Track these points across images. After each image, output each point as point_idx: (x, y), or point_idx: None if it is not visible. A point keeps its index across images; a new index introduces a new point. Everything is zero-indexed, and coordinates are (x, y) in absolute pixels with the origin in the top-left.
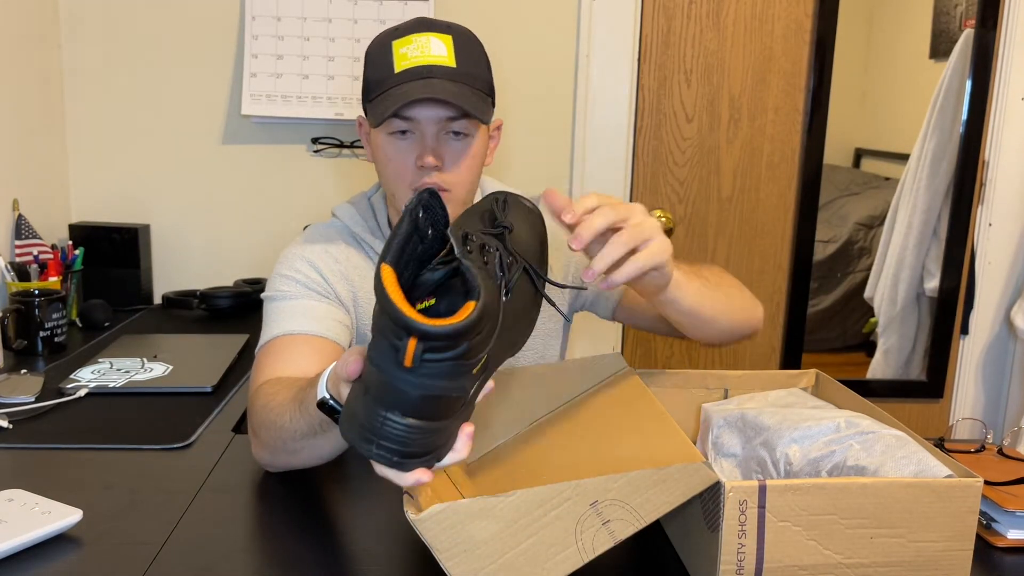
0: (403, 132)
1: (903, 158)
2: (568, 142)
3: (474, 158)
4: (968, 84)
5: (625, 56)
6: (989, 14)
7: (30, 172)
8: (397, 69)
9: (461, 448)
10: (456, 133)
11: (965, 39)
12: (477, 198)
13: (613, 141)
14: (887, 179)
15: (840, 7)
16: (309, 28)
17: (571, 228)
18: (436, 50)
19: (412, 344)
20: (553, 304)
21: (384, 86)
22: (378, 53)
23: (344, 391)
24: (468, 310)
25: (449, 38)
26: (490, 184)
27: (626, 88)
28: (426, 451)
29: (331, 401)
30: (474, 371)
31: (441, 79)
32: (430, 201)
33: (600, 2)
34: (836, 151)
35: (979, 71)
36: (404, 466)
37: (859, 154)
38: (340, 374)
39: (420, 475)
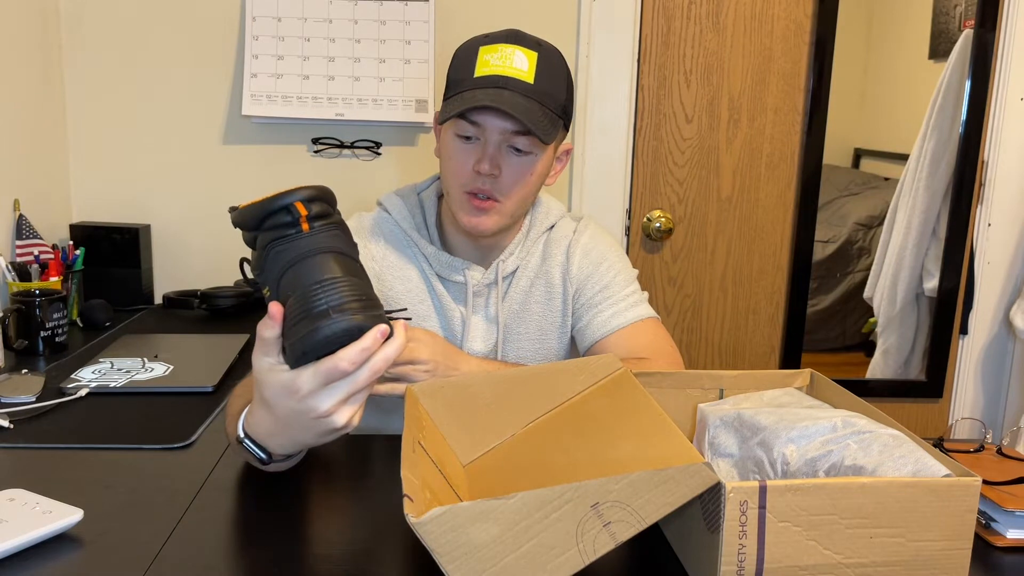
0: (468, 138)
1: (902, 158)
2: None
3: (532, 176)
4: (967, 84)
5: (625, 56)
6: (988, 14)
7: (31, 172)
8: (476, 74)
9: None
10: (518, 150)
11: (964, 39)
12: (529, 215)
13: (613, 141)
14: (886, 179)
15: (840, 7)
16: (309, 29)
17: None
18: (518, 63)
19: (300, 206)
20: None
21: (460, 87)
22: (464, 55)
23: (264, 362)
24: (288, 189)
25: (535, 55)
26: (545, 201)
27: (626, 88)
28: (370, 301)
29: (247, 440)
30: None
31: (513, 92)
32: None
33: (600, 2)
34: (835, 151)
35: (978, 71)
36: (367, 315)
37: (858, 154)
38: (263, 335)
39: (381, 333)
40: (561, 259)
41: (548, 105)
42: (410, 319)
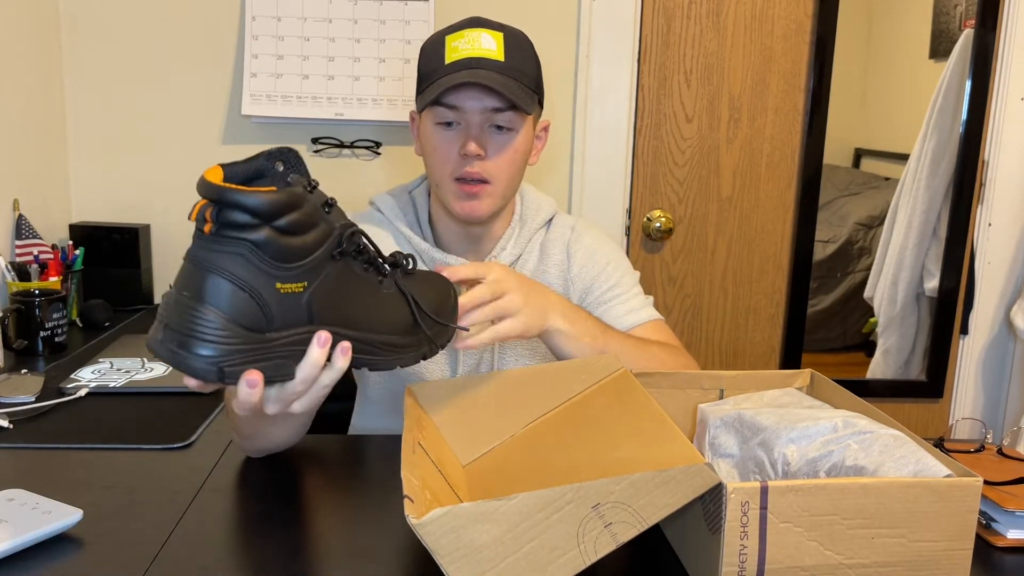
0: (448, 124)
1: (903, 158)
2: (568, 142)
3: (517, 152)
4: (968, 84)
5: (625, 56)
6: (989, 14)
7: (30, 172)
8: (447, 60)
9: (313, 352)
10: (500, 127)
11: (965, 39)
12: (518, 206)
13: (613, 141)
14: (887, 179)
15: (840, 7)
16: (309, 28)
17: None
18: (486, 44)
19: (200, 203)
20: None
21: (432, 77)
22: (431, 47)
23: None
24: (265, 189)
25: (500, 35)
26: (531, 194)
27: (626, 88)
28: (217, 354)
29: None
30: (279, 287)
31: (488, 70)
32: (293, 158)
33: (600, 2)
34: (836, 151)
35: (979, 71)
36: (183, 355)
37: (859, 154)
38: None
39: (193, 382)
40: (560, 258)
41: (522, 81)
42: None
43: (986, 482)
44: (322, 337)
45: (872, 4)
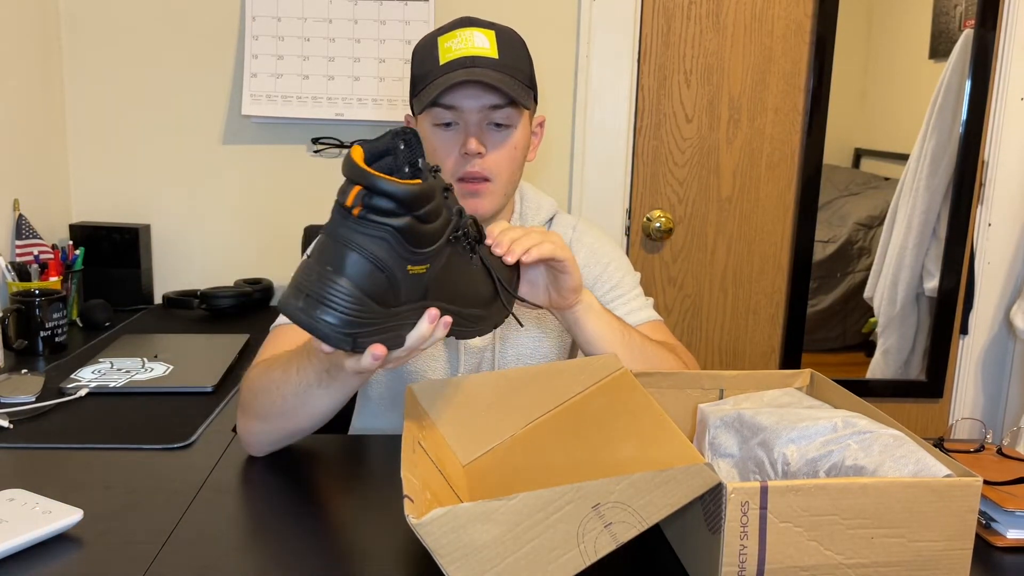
0: (447, 124)
1: (903, 158)
2: (568, 142)
3: (516, 149)
4: (968, 84)
5: (625, 56)
6: (989, 14)
7: (30, 172)
8: (442, 61)
9: (423, 326)
10: (498, 125)
11: (965, 39)
12: (518, 205)
13: (613, 141)
14: (887, 179)
15: (840, 7)
16: (309, 28)
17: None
18: (479, 43)
19: (356, 189)
20: (508, 290)
21: (428, 79)
22: (424, 50)
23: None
24: (412, 181)
25: (492, 32)
26: (531, 193)
27: (626, 88)
28: (351, 324)
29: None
30: (410, 268)
31: (484, 68)
32: (413, 139)
33: (600, 2)
34: (836, 151)
35: (979, 71)
36: (322, 322)
37: (859, 154)
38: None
39: (326, 347)
40: None
41: (517, 77)
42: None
43: (986, 482)
44: (432, 313)
45: (872, 4)
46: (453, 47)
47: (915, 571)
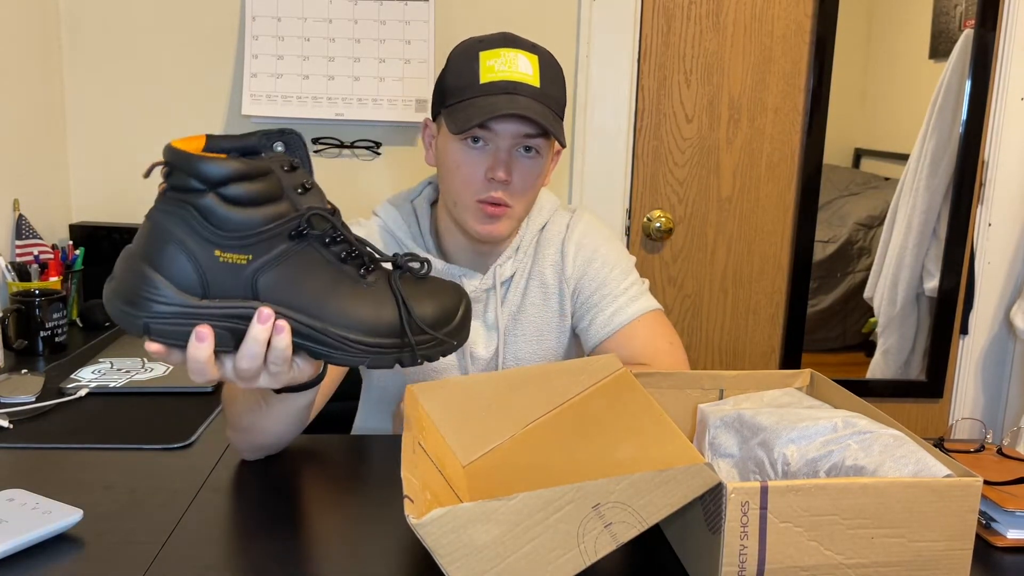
0: (475, 140)
1: (903, 158)
2: (568, 142)
3: (539, 177)
4: (968, 84)
5: (625, 56)
6: (989, 14)
7: (30, 172)
8: (483, 80)
9: (255, 327)
10: (527, 149)
11: (965, 39)
12: (535, 214)
13: (613, 141)
14: (887, 179)
15: (840, 7)
16: (309, 28)
17: None
18: (523, 68)
19: (157, 163)
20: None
21: (467, 94)
22: (462, 60)
23: None
24: (214, 155)
25: (536, 58)
26: (546, 198)
27: (626, 88)
28: (139, 305)
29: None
30: (218, 253)
31: (526, 97)
32: (295, 141)
33: (600, 2)
34: (836, 151)
35: (979, 71)
36: (118, 307)
37: (859, 154)
38: None
39: (151, 346)
40: (555, 258)
41: (554, 108)
42: None
43: (986, 482)
44: (263, 313)
45: (872, 4)
46: (496, 67)
47: (915, 571)
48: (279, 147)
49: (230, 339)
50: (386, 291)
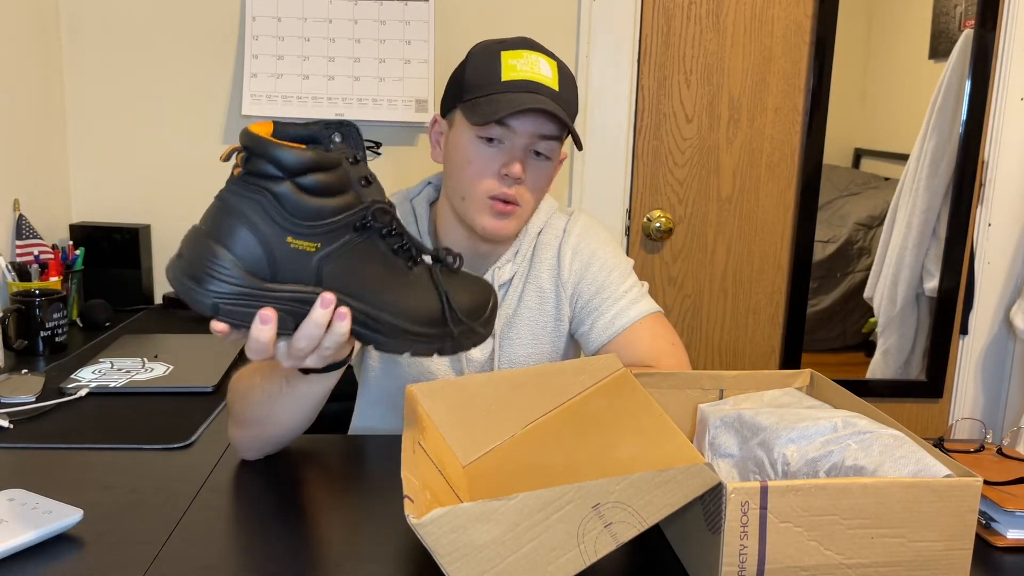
0: (490, 139)
1: (902, 158)
2: (568, 142)
3: (548, 181)
4: (967, 84)
5: (625, 56)
6: (989, 14)
7: (31, 172)
8: (504, 78)
9: (317, 310)
10: (538, 153)
11: (965, 39)
12: (533, 218)
13: (613, 141)
14: (886, 179)
15: (840, 7)
16: (309, 28)
17: None
18: (544, 70)
19: (234, 147)
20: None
21: (488, 91)
22: (484, 58)
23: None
24: (295, 145)
25: (555, 63)
26: (544, 201)
27: (626, 88)
28: (210, 285)
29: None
30: (290, 240)
31: (548, 98)
32: (352, 133)
33: (600, 2)
34: (836, 151)
35: (978, 71)
36: (188, 285)
37: (858, 154)
38: None
39: (217, 325)
40: (551, 262)
41: (570, 112)
42: None
43: (986, 482)
44: (326, 298)
45: (872, 4)
46: (519, 67)
47: (915, 571)
48: (337, 138)
49: (291, 322)
50: (428, 283)
